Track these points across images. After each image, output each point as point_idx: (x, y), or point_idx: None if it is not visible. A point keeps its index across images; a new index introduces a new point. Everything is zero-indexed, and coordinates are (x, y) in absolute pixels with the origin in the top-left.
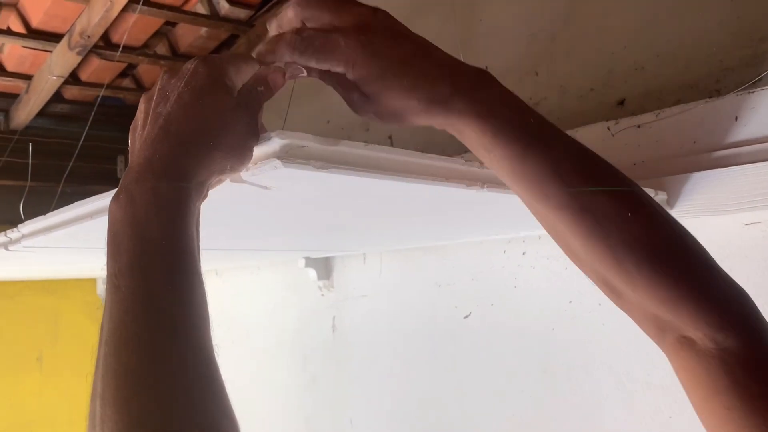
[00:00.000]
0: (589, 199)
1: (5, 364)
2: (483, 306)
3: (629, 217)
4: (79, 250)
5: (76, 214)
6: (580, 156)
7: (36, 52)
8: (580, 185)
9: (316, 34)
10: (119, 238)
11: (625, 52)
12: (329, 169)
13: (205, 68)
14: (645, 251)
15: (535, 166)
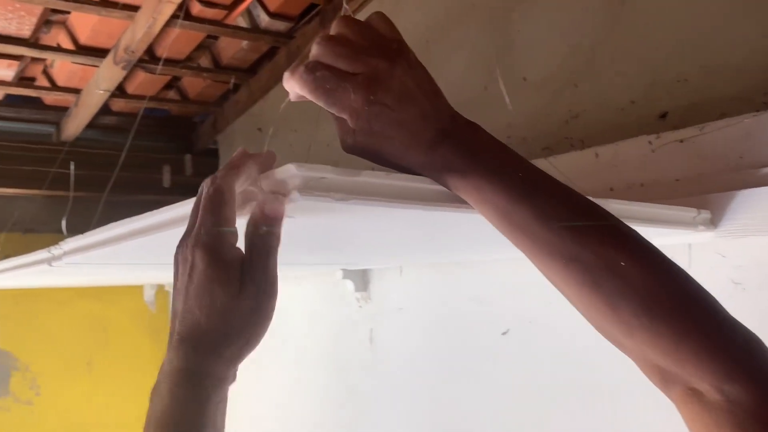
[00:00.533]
0: (579, 249)
1: (57, 368)
2: (521, 323)
3: (623, 265)
4: (123, 266)
5: (116, 233)
6: (570, 205)
7: (84, 67)
8: (570, 235)
9: (328, 77)
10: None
11: (668, 63)
12: (350, 200)
13: (200, 259)
14: (642, 300)
15: (522, 217)
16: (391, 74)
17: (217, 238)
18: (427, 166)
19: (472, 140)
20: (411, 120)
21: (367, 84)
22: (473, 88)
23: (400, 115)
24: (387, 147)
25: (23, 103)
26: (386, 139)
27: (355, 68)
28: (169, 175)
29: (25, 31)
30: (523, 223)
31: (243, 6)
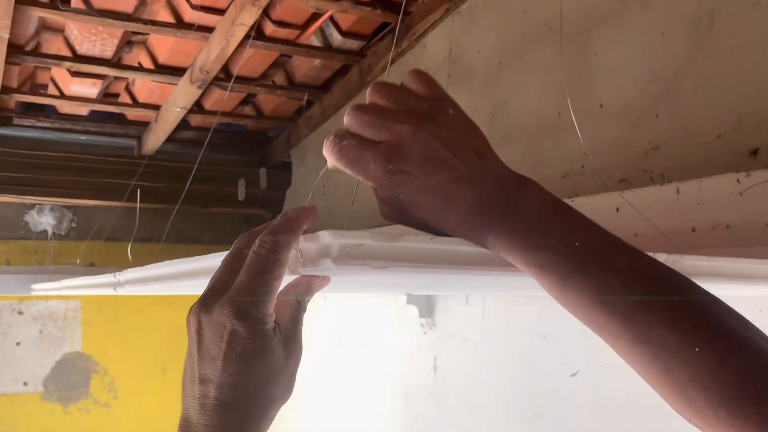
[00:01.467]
0: (646, 330)
1: (133, 373)
2: (592, 365)
3: (697, 351)
4: None
5: (170, 271)
6: (634, 280)
7: (163, 85)
8: (632, 314)
9: (353, 146)
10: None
11: (760, 95)
12: (389, 268)
13: (243, 327)
14: (721, 392)
15: (576, 296)
16: (414, 139)
17: (259, 307)
18: (470, 235)
19: (516, 207)
20: (441, 186)
21: (387, 152)
22: (547, 113)
23: (425, 182)
24: (420, 214)
25: (107, 118)
26: (417, 206)
27: (379, 136)
28: (244, 188)
29: (108, 52)
30: (578, 300)
31: (315, 26)
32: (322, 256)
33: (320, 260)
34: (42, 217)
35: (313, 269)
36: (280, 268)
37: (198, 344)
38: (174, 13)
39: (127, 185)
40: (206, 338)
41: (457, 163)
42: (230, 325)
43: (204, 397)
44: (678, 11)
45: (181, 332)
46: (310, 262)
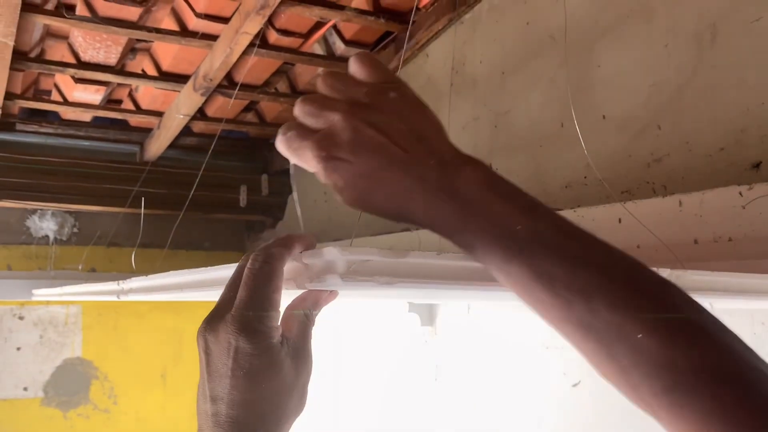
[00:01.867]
0: (590, 315)
1: (133, 379)
2: (594, 375)
3: (640, 338)
4: None
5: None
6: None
7: (166, 91)
8: (575, 298)
9: (294, 137)
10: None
11: (763, 109)
12: (395, 284)
13: (249, 344)
14: (661, 379)
15: (519, 278)
16: (345, 125)
17: (262, 321)
18: (412, 219)
19: (456, 189)
20: (373, 170)
21: (320, 140)
22: (550, 124)
23: (359, 167)
24: (362, 200)
25: (110, 124)
26: (356, 192)
27: (317, 124)
28: (246, 195)
29: (112, 59)
30: (521, 285)
31: (318, 34)
32: (328, 271)
33: (327, 276)
34: (44, 223)
35: (320, 285)
36: (276, 280)
37: (207, 363)
38: (178, 20)
39: (129, 191)
40: (213, 357)
41: (393, 147)
42: (235, 342)
43: (216, 415)
44: (681, 25)
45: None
46: (316, 277)
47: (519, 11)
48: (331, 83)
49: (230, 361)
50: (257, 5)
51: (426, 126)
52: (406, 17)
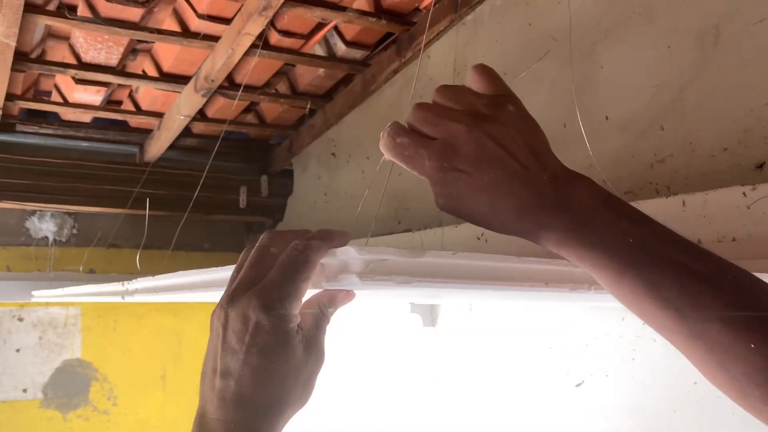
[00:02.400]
0: (701, 326)
1: (133, 380)
2: (597, 376)
3: (752, 348)
4: None
5: (180, 282)
6: (689, 275)
7: (167, 92)
8: (688, 309)
9: (406, 144)
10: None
11: (766, 109)
12: (412, 283)
13: (269, 321)
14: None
15: (633, 289)
16: (468, 137)
17: (286, 304)
18: (522, 232)
19: (568, 204)
20: (494, 184)
21: (441, 150)
22: (552, 124)
23: (479, 180)
24: (474, 211)
25: (110, 125)
26: (471, 203)
27: (435, 133)
28: (245, 196)
29: (113, 59)
30: (632, 296)
31: (320, 35)
32: (346, 270)
33: (345, 275)
34: (43, 224)
35: (338, 284)
36: (310, 271)
37: (223, 337)
38: (180, 21)
39: (129, 192)
40: (231, 331)
41: (511, 161)
42: (255, 317)
43: (223, 390)
44: (684, 26)
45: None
46: (334, 276)
47: (521, 12)
48: (449, 94)
49: (247, 336)
50: (260, 6)
51: (538, 140)
52: (407, 18)
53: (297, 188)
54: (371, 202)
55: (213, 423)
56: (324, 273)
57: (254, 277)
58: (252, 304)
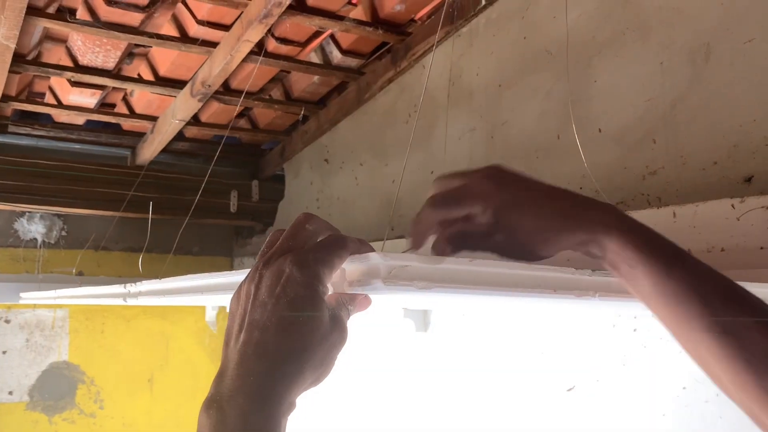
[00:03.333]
0: (734, 324)
1: (120, 383)
2: (588, 380)
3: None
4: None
5: (186, 285)
6: (723, 280)
7: (162, 96)
8: (722, 308)
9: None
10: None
11: (755, 125)
12: (432, 288)
13: (301, 276)
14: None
15: (678, 284)
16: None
17: (321, 267)
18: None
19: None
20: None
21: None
22: (546, 135)
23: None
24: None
25: (102, 128)
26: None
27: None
28: (236, 200)
29: (110, 63)
30: (679, 289)
31: (316, 43)
32: (371, 276)
33: (370, 280)
34: (32, 225)
35: (361, 288)
36: (345, 252)
37: (254, 296)
38: (179, 27)
39: (119, 195)
40: (263, 287)
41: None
42: (288, 270)
43: (247, 343)
44: (676, 43)
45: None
46: (357, 281)
47: (516, 26)
48: None
49: (278, 287)
50: (260, 14)
51: None
52: (402, 28)
53: (288, 193)
54: (364, 209)
55: (231, 379)
56: (347, 277)
57: (291, 246)
58: (287, 261)
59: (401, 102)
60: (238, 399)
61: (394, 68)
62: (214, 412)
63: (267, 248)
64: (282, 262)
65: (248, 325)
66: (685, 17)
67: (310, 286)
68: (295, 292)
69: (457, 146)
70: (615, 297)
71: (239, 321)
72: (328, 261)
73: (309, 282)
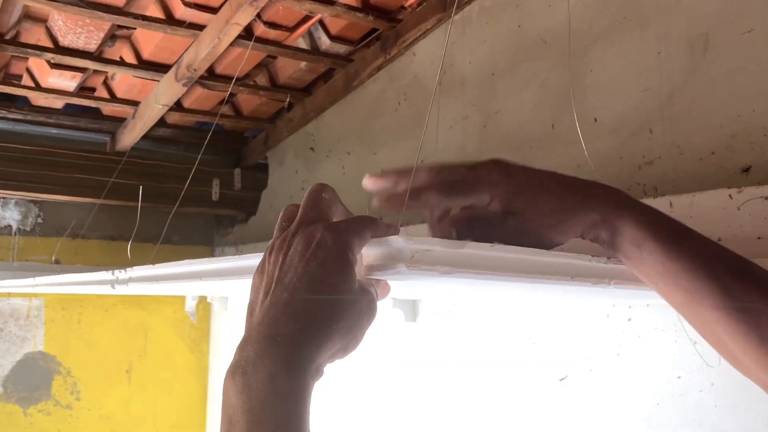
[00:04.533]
0: (746, 299)
1: (97, 374)
2: (581, 370)
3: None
4: None
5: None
6: (733, 256)
7: (144, 80)
8: (734, 284)
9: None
10: (234, 425)
11: (753, 115)
12: (454, 273)
13: (333, 240)
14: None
15: (688, 262)
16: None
17: (353, 236)
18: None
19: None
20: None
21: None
22: (541, 125)
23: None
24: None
25: (81, 112)
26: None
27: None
28: (218, 189)
29: (92, 45)
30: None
31: (304, 28)
32: (395, 259)
33: (393, 264)
34: (6, 212)
35: (382, 273)
36: (373, 227)
37: (281, 262)
38: (165, 8)
39: (98, 181)
40: (293, 252)
41: None
42: (321, 235)
43: (274, 305)
44: (675, 33)
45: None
46: (378, 266)
47: (511, 14)
48: None
49: (309, 251)
50: None
51: None
52: (393, 15)
53: (272, 182)
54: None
55: (256, 342)
56: (366, 261)
57: (316, 216)
58: (318, 227)
59: (390, 90)
60: (265, 361)
61: (384, 56)
62: (239, 378)
63: (285, 222)
64: (314, 229)
65: (276, 288)
66: (684, 7)
67: (342, 251)
68: (327, 254)
69: (448, 135)
70: (629, 285)
71: (265, 289)
72: (359, 232)
73: (341, 247)
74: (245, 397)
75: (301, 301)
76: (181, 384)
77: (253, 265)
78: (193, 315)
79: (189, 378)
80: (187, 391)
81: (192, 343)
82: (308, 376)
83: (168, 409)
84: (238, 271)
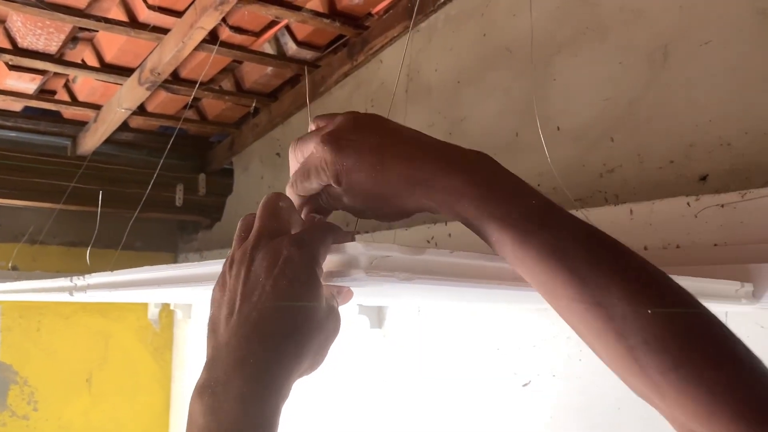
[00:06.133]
0: (602, 292)
1: (56, 383)
2: (544, 375)
3: (649, 315)
4: None
5: (143, 277)
6: (592, 242)
7: (106, 84)
8: (590, 275)
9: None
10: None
11: (710, 125)
12: (414, 279)
13: (300, 255)
14: (671, 356)
15: (538, 253)
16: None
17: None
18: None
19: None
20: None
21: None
22: (505, 133)
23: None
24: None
25: (41, 115)
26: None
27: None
28: (182, 194)
29: (53, 47)
30: (539, 257)
31: (270, 33)
32: (351, 266)
33: (350, 271)
34: None
35: (341, 280)
36: (334, 235)
37: (245, 277)
38: (128, 11)
39: (58, 186)
40: (258, 267)
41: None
42: (288, 252)
43: (243, 325)
44: (635, 44)
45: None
46: (336, 273)
47: (476, 23)
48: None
49: (276, 268)
50: (216, 1)
51: None
52: (360, 22)
53: (237, 188)
54: None
55: (225, 362)
56: (329, 267)
57: (277, 227)
58: (284, 242)
59: (357, 96)
60: (236, 382)
61: (351, 62)
62: (207, 398)
63: (244, 233)
64: (278, 243)
65: (242, 305)
66: (644, 19)
67: (310, 266)
68: (294, 272)
69: None
70: None
71: (228, 306)
72: (323, 241)
73: (309, 263)
74: (214, 418)
75: (271, 321)
76: (143, 392)
77: (216, 272)
78: (155, 323)
79: (152, 387)
80: (150, 400)
81: (155, 351)
82: (280, 397)
83: (130, 418)
84: (200, 278)
